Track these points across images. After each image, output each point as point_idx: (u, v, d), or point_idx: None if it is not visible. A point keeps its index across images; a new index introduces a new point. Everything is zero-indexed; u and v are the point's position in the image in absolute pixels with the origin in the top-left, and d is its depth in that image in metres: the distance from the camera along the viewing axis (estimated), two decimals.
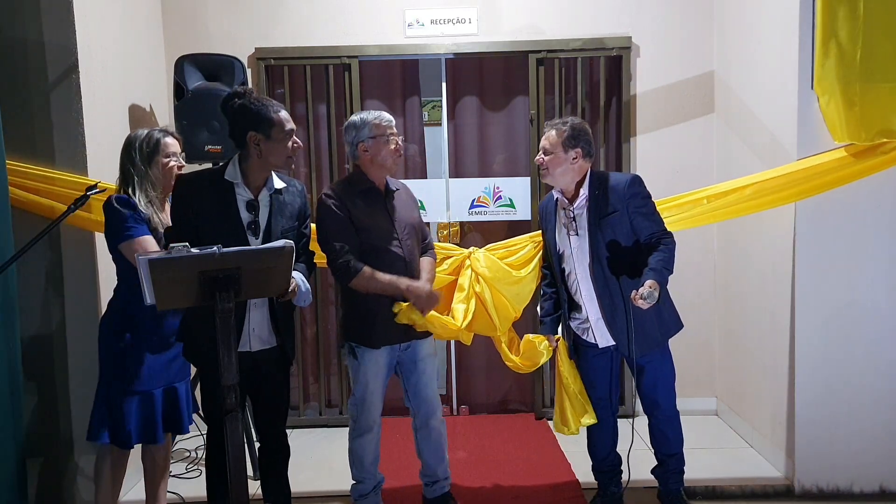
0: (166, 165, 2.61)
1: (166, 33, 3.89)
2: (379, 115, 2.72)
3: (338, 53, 3.92)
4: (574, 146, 2.70)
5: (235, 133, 2.42)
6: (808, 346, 3.11)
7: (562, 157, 2.70)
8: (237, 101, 2.39)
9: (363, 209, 2.69)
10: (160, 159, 2.60)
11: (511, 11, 3.94)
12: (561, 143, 2.70)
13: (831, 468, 3.13)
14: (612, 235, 2.67)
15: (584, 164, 2.73)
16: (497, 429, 3.99)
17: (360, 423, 2.79)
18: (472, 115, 4.13)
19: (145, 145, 2.59)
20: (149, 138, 2.61)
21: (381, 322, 2.69)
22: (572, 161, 2.71)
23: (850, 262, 3.07)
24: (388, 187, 2.77)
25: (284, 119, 2.42)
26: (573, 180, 2.74)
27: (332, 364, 4.17)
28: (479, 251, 3.08)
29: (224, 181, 2.42)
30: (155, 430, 2.63)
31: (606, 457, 2.97)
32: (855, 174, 2.91)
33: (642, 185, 2.72)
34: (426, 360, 2.85)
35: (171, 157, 2.63)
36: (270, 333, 2.51)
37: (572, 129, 2.71)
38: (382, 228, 2.70)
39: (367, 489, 2.87)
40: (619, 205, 2.66)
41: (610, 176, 2.74)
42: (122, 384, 2.56)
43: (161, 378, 2.63)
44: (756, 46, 3.45)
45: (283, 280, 2.17)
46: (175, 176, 2.60)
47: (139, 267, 1.95)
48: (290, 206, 2.52)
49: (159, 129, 2.66)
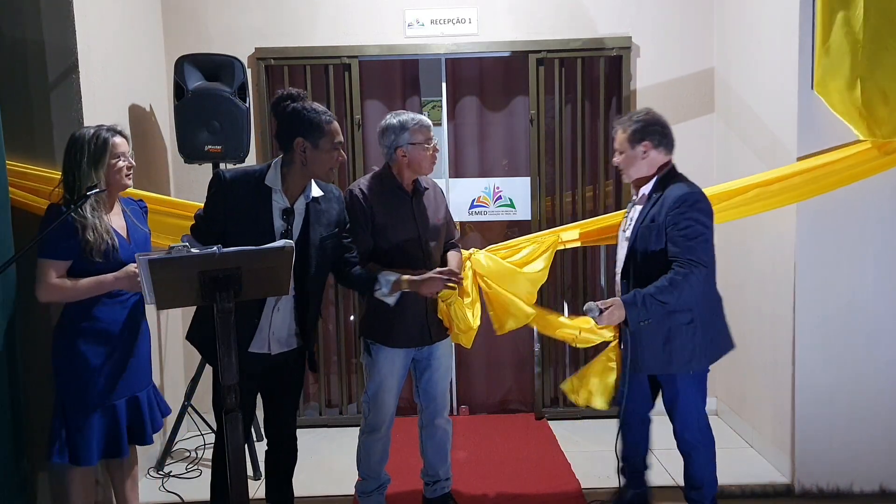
0: (114, 167, 2.46)
1: (166, 33, 3.89)
2: (419, 121, 2.69)
3: (338, 53, 3.91)
4: (641, 139, 2.62)
5: (283, 136, 2.38)
6: (808, 346, 3.11)
7: (632, 154, 2.63)
8: (290, 104, 2.35)
9: (388, 208, 2.69)
10: (108, 161, 2.44)
11: (511, 11, 3.94)
12: (627, 139, 2.63)
13: (831, 468, 3.13)
14: (648, 245, 2.58)
15: (656, 155, 2.64)
16: (497, 429, 3.99)
17: (370, 420, 2.80)
18: (472, 115, 4.13)
19: (92, 146, 2.43)
20: (96, 138, 2.44)
21: (401, 323, 2.69)
22: (643, 155, 2.63)
23: (851, 263, 3.07)
24: (417, 187, 2.76)
25: (335, 131, 2.38)
26: (645, 174, 2.66)
27: (333, 364, 4.17)
28: (479, 252, 3.08)
29: (263, 186, 2.38)
30: (120, 444, 2.51)
31: (630, 458, 2.91)
32: (859, 174, 2.91)
33: (692, 207, 2.51)
34: (441, 359, 2.85)
35: (120, 157, 2.47)
36: (292, 336, 2.49)
37: (637, 122, 2.64)
38: (405, 229, 2.69)
39: (370, 487, 2.88)
40: (660, 216, 2.56)
41: (674, 185, 2.60)
42: (81, 399, 2.43)
43: (123, 388, 2.51)
44: (756, 46, 3.45)
45: (283, 280, 2.16)
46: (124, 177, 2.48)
47: (139, 267, 1.95)
48: (327, 214, 2.48)
49: (107, 128, 2.49)
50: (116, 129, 2.50)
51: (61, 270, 2.39)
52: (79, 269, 2.41)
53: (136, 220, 2.60)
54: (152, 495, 3.25)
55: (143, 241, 2.59)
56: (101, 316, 2.45)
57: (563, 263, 4.06)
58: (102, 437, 2.48)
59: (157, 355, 3.64)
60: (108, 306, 2.46)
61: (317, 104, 2.41)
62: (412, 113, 2.73)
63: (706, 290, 2.62)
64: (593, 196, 4.09)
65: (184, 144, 3.38)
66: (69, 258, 2.39)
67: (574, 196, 4.08)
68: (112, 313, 2.47)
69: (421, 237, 2.71)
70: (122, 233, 2.51)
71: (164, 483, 3.36)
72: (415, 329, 2.71)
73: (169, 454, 3.56)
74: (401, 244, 2.68)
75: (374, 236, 2.68)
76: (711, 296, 2.67)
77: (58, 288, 2.39)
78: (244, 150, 3.42)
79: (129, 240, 2.52)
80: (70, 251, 2.38)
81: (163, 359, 3.72)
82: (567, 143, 4.05)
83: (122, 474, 2.69)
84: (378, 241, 2.68)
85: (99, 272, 2.41)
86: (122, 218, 2.55)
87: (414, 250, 2.69)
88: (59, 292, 2.40)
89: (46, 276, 2.38)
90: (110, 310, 2.47)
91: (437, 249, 2.79)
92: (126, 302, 2.51)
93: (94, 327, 2.45)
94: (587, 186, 4.08)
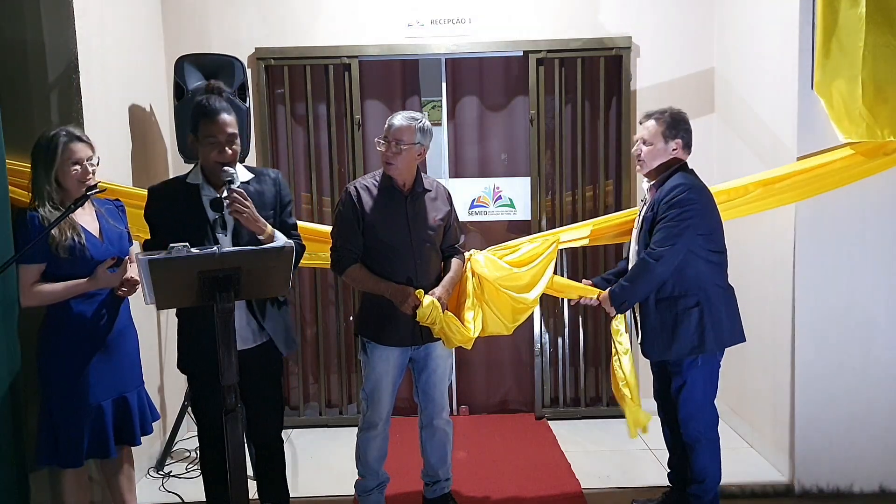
0: (68, 173, 2.40)
1: (166, 33, 3.89)
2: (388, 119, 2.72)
3: (338, 53, 3.91)
4: (675, 136, 2.61)
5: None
6: (808, 346, 3.11)
7: (661, 148, 2.61)
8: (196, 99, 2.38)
9: (380, 207, 2.70)
10: (62, 168, 2.39)
11: (511, 11, 3.94)
12: (662, 133, 2.60)
13: (831, 468, 3.13)
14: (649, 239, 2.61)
15: (681, 155, 2.65)
16: (497, 429, 3.99)
17: (367, 417, 2.81)
18: (472, 115, 4.13)
19: (46, 150, 2.38)
20: (49, 142, 2.38)
21: (394, 321, 2.69)
22: (672, 152, 2.62)
23: (851, 263, 3.07)
24: (416, 188, 2.75)
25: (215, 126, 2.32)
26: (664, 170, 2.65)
27: (332, 364, 4.17)
28: (478, 253, 3.06)
29: (189, 185, 2.41)
30: (107, 444, 2.50)
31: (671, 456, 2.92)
32: (859, 174, 2.91)
33: (676, 198, 2.54)
34: (438, 360, 2.84)
35: (77, 163, 2.40)
36: (254, 332, 2.46)
37: (672, 117, 2.62)
38: (396, 229, 2.69)
39: (369, 486, 2.87)
40: (655, 207, 2.60)
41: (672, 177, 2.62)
42: (64, 399, 2.43)
43: (109, 389, 2.50)
44: (756, 46, 3.45)
45: (283, 280, 2.16)
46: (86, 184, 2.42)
47: (139, 267, 1.95)
48: (260, 196, 2.45)
49: (66, 132, 2.42)
50: (75, 133, 2.45)
51: (36, 274, 2.41)
52: (52, 269, 2.42)
53: (111, 218, 2.60)
54: (152, 495, 3.25)
55: (118, 238, 2.58)
56: (78, 316, 2.46)
57: (564, 263, 4.06)
58: (87, 438, 2.47)
59: (157, 355, 3.65)
60: (85, 305, 2.47)
61: (214, 99, 2.38)
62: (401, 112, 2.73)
63: (715, 277, 2.66)
64: (593, 196, 4.09)
65: (184, 144, 3.37)
66: (41, 261, 2.40)
67: (574, 196, 4.08)
68: (91, 312, 2.48)
69: (412, 238, 2.70)
70: (94, 231, 2.51)
71: (163, 483, 3.36)
72: (405, 329, 2.71)
73: (169, 454, 3.56)
74: (390, 244, 2.68)
75: (364, 234, 2.70)
76: (721, 283, 2.69)
77: (36, 293, 2.41)
78: (244, 151, 3.42)
79: (101, 238, 2.51)
80: (41, 253, 2.39)
81: (163, 359, 3.71)
82: (567, 143, 4.04)
83: (114, 474, 2.69)
84: (367, 238, 2.70)
85: (72, 270, 2.42)
86: (95, 217, 2.55)
87: (404, 250, 2.69)
88: (38, 297, 2.42)
89: (24, 280, 2.40)
90: (87, 308, 2.47)
91: (432, 252, 2.78)
92: (104, 300, 2.50)
93: (72, 327, 2.45)
94: (587, 186, 4.08)
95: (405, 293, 2.63)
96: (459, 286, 2.92)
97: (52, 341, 2.47)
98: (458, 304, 2.92)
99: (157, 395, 3.64)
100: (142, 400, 2.64)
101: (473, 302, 2.90)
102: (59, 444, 2.45)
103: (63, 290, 2.42)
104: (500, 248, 3.10)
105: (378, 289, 2.68)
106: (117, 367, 2.54)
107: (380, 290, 2.67)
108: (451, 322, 2.71)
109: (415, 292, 2.63)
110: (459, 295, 2.94)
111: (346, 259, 2.70)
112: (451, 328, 2.71)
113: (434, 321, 2.63)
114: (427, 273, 2.74)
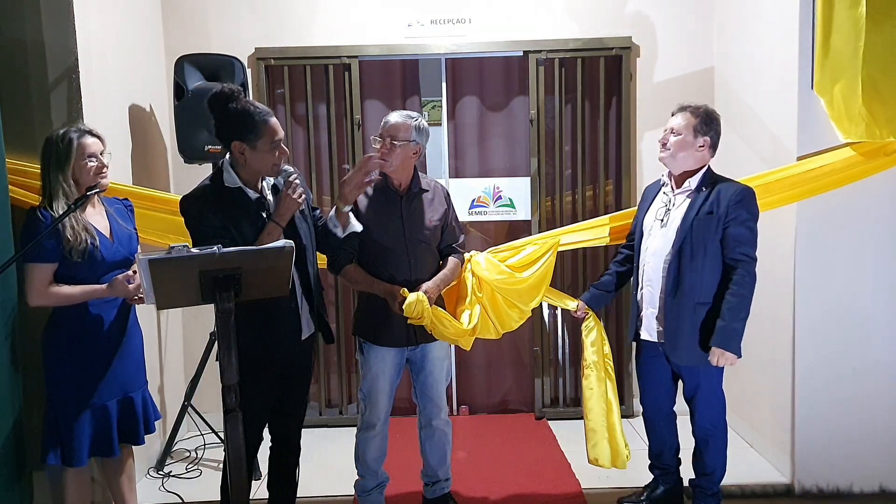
0: (84, 168, 2.41)
1: (166, 33, 3.89)
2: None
3: (338, 53, 3.91)
4: (706, 133, 2.61)
5: (220, 137, 2.35)
6: (808, 346, 3.11)
7: (690, 141, 2.61)
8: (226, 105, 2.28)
9: (375, 206, 2.70)
10: (77, 162, 2.40)
11: (511, 11, 3.94)
12: (694, 126, 2.61)
13: (831, 468, 3.13)
14: (701, 237, 2.57)
15: (707, 154, 2.65)
16: (497, 429, 3.99)
17: (366, 417, 2.81)
18: (472, 115, 4.13)
19: (59, 148, 2.39)
20: (61, 139, 2.39)
21: (389, 322, 2.69)
22: (698, 148, 2.62)
23: (851, 263, 3.07)
24: (413, 188, 2.75)
25: (272, 130, 2.31)
26: (691, 167, 2.65)
27: (332, 364, 4.17)
28: (479, 254, 3.05)
29: (230, 189, 2.36)
30: (110, 444, 2.50)
31: (659, 455, 2.95)
32: (859, 174, 2.91)
33: (753, 203, 2.59)
34: (435, 361, 2.84)
35: (91, 158, 2.42)
36: (308, 323, 2.52)
37: (706, 114, 2.63)
38: (390, 228, 2.69)
39: (368, 486, 2.88)
40: (719, 209, 2.56)
41: (725, 182, 2.63)
42: (70, 399, 2.43)
43: (115, 388, 2.51)
44: (756, 46, 3.45)
45: (283, 280, 2.16)
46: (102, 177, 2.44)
47: (139, 267, 1.95)
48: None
49: (76, 128, 2.44)
50: (85, 129, 2.46)
51: (49, 273, 2.40)
52: (63, 269, 2.41)
53: (121, 218, 2.60)
54: (152, 495, 3.25)
55: (128, 239, 2.58)
56: (88, 316, 2.46)
57: (564, 263, 4.06)
58: (92, 437, 2.48)
59: (157, 356, 3.65)
60: (95, 306, 2.47)
61: (254, 102, 2.34)
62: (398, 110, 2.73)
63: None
64: (593, 196, 4.09)
65: (184, 144, 3.38)
66: (55, 260, 2.39)
67: (574, 196, 4.08)
68: (99, 313, 2.48)
69: (406, 239, 2.70)
70: (105, 232, 2.51)
71: (163, 483, 3.36)
72: (400, 330, 2.70)
73: (169, 454, 3.56)
74: (384, 243, 2.68)
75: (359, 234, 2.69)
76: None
77: (52, 294, 2.40)
78: None
79: (112, 239, 2.51)
80: (55, 253, 2.38)
81: (163, 359, 3.72)
82: (567, 143, 4.04)
83: (116, 473, 2.69)
84: (362, 238, 2.69)
85: (83, 270, 2.41)
86: (105, 217, 2.55)
87: (398, 249, 2.69)
88: (51, 297, 2.41)
89: (36, 280, 2.39)
90: (97, 309, 2.47)
91: (427, 252, 2.77)
92: (114, 301, 2.51)
93: (81, 327, 2.45)
94: (587, 186, 4.08)
95: (394, 292, 2.63)
96: (459, 284, 2.92)
97: (60, 341, 2.46)
98: (456, 303, 2.93)
99: (158, 395, 3.64)
100: (145, 400, 2.65)
101: (471, 300, 2.90)
102: (63, 443, 2.45)
103: (81, 294, 2.42)
104: (501, 249, 3.09)
105: (372, 288, 2.69)
106: (123, 368, 2.54)
107: (373, 289, 2.68)
108: (440, 315, 2.70)
109: (400, 290, 2.62)
110: (458, 293, 2.94)
111: (342, 259, 2.70)
112: (442, 321, 2.70)
113: (421, 315, 2.61)
114: (422, 273, 2.73)
